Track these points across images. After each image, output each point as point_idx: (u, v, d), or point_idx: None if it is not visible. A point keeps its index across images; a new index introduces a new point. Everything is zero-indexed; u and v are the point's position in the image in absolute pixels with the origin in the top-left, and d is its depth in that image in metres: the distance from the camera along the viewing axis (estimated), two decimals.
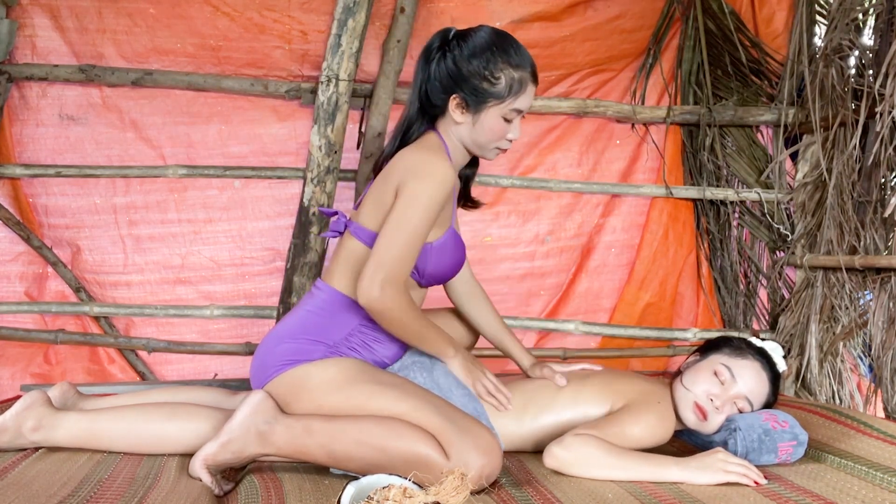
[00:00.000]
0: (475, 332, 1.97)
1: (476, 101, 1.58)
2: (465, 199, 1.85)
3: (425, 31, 2.58)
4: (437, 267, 1.64)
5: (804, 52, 2.66)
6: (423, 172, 1.52)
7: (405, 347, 1.72)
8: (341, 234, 1.70)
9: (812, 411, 1.81)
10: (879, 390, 2.31)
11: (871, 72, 2.40)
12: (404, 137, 1.66)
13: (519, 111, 1.61)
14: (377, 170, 1.71)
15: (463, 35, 1.62)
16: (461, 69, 1.58)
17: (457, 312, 1.94)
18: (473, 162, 1.78)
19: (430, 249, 1.61)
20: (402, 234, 1.50)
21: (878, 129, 2.24)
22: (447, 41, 1.62)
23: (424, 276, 1.64)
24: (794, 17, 2.75)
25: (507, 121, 1.61)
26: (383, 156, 1.70)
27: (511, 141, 1.66)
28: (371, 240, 1.58)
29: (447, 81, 1.59)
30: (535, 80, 1.63)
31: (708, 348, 1.76)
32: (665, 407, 1.68)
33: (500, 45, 1.59)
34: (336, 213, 1.72)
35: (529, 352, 1.89)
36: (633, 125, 2.88)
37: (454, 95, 1.59)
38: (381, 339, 1.63)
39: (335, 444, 1.46)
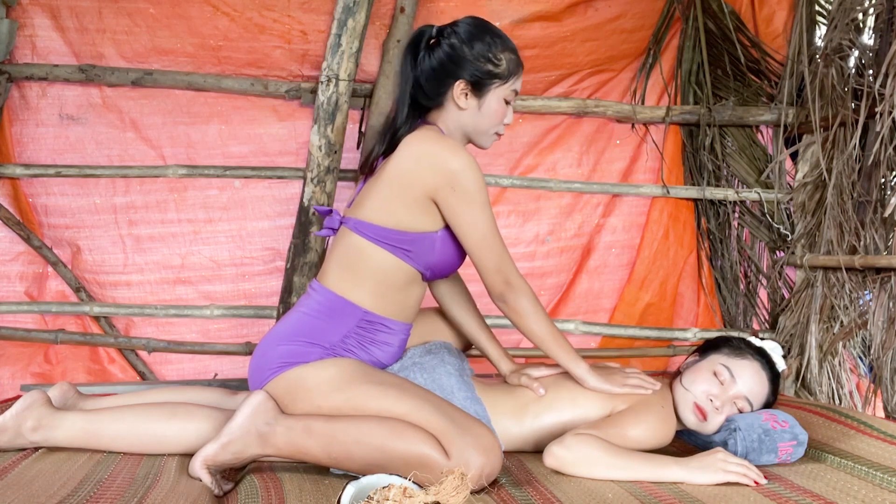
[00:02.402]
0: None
1: (481, 83, 1.61)
2: None
3: None
4: (443, 257, 1.62)
5: (804, 52, 2.66)
6: (462, 172, 1.52)
7: (402, 350, 1.71)
8: (335, 231, 1.69)
9: (812, 411, 1.81)
10: (879, 390, 2.31)
11: (871, 72, 2.40)
12: (395, 137, 1.64)
13: (516, 92, 1.67)
14: (364, 169, 1.71)
15: (451, 25, 1.65)
16: (463, 55, 1.60)
17: (440, 312, 1.93)
18: None
19: (436, 239, 1.59)
20: (487, 236, 1.57)
21: (878, 129, 2.24)
22: (440, 33, 1.64)
23: (430, 268, 1.62)
24: (794, 17, 2.75)
25: (507, 103, 1.66)
26: (374, 155, 1.68)
27: (506, 126, 1.70)
28: (377, 234, 1.56)
29: (447, 69, 1.60)
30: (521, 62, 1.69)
31: (707, 348, 1.76)
32: (667, 410, 1.67)
33: (492, 29, 1.65)
34: (331, 210, 1.71)
35: (509, 356, 1.86)
36: (633, 125, 2.88)
37: (459, 81, 1.61)
38: (377, 341, 1.62)
39: (335, 445, 1.46)
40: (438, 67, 1.61)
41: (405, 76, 1.65)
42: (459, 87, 1.61)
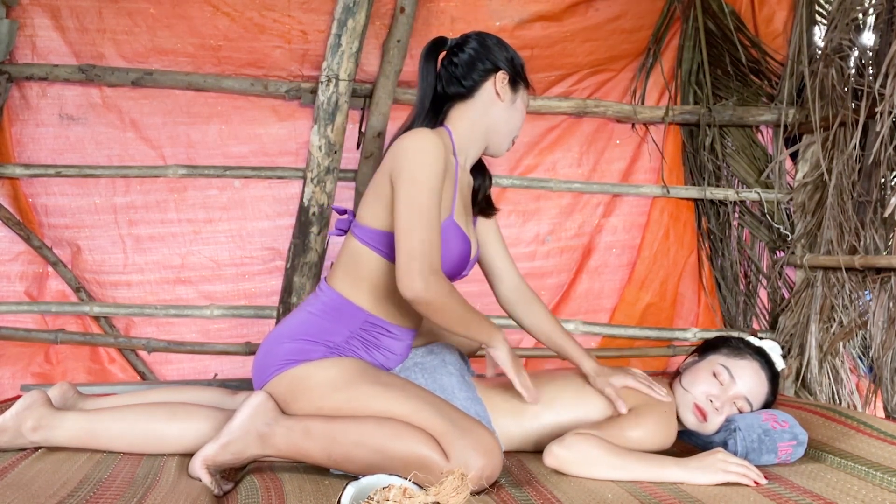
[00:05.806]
0: None
1: (515, 80, 1.66)
2: (480, 206, 1.79)
3: (425, 30, 2.58)
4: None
5: (804, 52, 2.66)
6: (411, 152, 1.50)
7: (406, 354, 1.71)
8: (345, 232, 1.69)
9: (812, 411, 1.81)
10: (879, 390, 2.31)
11: (871, 72, 2.40)
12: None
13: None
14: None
15: (474, 32, 1.68)
16: (499, 51, 1.64)
17: None
18: (480, 170, 1.76)
19: None
20: (416, 217, 1.46)
21: (878, 129, 2.24)
22: (465, 36, 1.66)
23: None
24: (794, 17, 2.75)
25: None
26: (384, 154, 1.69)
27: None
28: (369, 237, 1.57)
29: (486, 57, 1.62)
30: None
31: (706, 349, 1.76)
32: (669, 413, 1.67)
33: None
34: (346, 211, 1.72)
35: (592, 356, 1.77)
36: (633, 125, 2.88)
37: (501, 71, 1.63)
38: (381, 346, 1.62)
39: (334, 446, 1.46)
40: (476, 55, 1.63)
41: (426, 73, 1.64)
42: (501, 76, 1.63)
